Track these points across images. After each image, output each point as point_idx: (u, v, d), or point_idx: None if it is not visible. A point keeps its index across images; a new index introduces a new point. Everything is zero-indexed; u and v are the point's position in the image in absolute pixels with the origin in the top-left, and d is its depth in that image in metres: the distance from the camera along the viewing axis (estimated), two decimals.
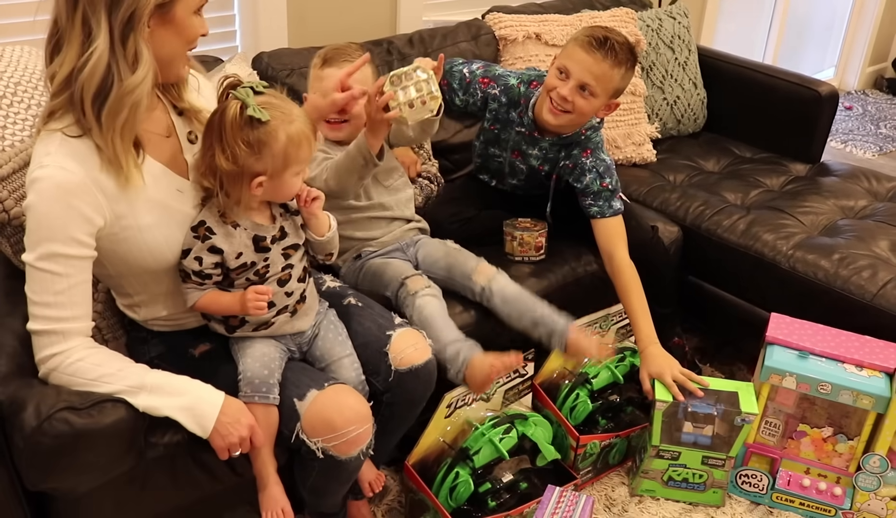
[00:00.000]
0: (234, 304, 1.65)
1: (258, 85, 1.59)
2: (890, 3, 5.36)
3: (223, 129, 1.55)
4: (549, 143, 2.31)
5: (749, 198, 2.78)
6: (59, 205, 1.45)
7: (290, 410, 1.65)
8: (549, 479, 2.10)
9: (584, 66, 2.13)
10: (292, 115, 1.58)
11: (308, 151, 1.62)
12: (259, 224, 1.66)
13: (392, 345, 1.81)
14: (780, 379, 2.10)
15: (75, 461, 1.50)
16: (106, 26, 1.40)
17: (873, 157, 4.56)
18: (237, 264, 1.64)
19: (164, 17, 1.46)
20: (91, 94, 1.43)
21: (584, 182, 2.30)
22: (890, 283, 2.29)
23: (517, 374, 2.16)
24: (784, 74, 3.10)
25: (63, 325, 1.50)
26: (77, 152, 1.46)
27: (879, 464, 2.09)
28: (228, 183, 1.59)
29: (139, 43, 1.43)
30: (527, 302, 2.09)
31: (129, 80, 1.43)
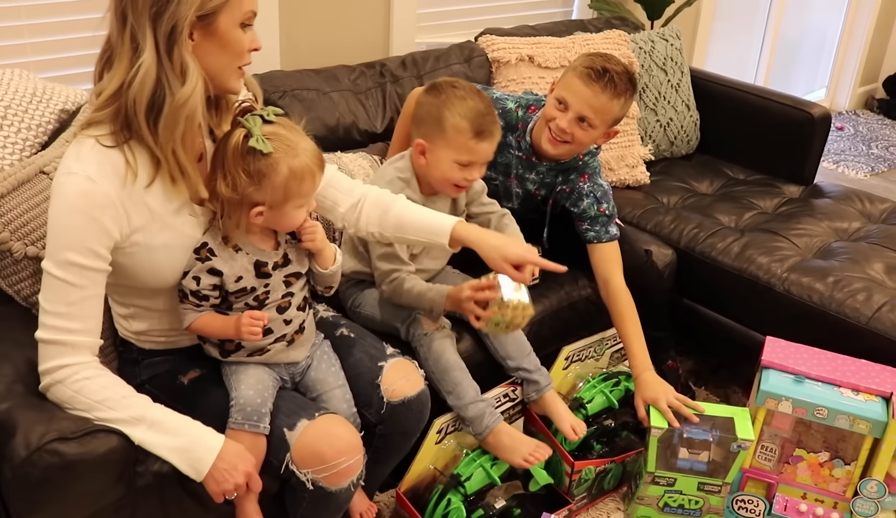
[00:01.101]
0: (229, 328, 1.63)
1: (270, 112, 1.57)
2: (880, 24, 5.39)
3: (226, 155, 1.54)
4: (547, 169, 2.30)
5: (743, 220, 2.77)
6: (81, 215, 1.44)
7: (280, 441, 1.63)
8: (543, 504, 2.09)
9: (582, 98, 2.11)
10: (298, 148, 1.56)
11: (311, 186, 1.59)
12: (262, 249, 1.64)
13: (384, 376, 1.79)
14: (777, 403, 2.08)
15: (65, 492, 1.47)
16: (152, 39, 1.41)
17: (865, 177, 4.58)
18: (236, 288, 1.62)
19: (207, 30, 1.46)
20: (144, 108, 1.44)
21: (582, 207, 2.29)
22: (885, 305, 2.28)
23: (507, 399, 2.15)
24: (777, 96, 3.11)
25: (73, 337, 1.48)
26: (106, 162, 1.47)
27: (877, 489, 2.08)
28: (229, 208, 1.57)
29: (184, 54, 1.43)
30: (518, 344, 2.12)
31: (181, 92, 1.44)
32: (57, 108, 1.90)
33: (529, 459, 1.97)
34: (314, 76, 2.54)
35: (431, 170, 2.01)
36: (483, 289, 1.86)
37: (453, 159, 1.97)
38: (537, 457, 1.98)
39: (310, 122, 2.39)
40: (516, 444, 1.98)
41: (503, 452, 1.99)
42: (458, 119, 1.94)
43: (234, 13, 1.48)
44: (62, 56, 2.36)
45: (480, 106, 1.96)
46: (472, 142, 1.95)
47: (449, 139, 1.96)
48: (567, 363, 2.25)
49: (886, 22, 5.47)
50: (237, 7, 1.48)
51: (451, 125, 1.95)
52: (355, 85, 2.60)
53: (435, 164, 2.00)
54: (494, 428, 1.97)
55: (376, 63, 2.71)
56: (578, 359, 2.28)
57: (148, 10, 1.40)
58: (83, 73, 2.40)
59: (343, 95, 2.54)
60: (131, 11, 1.41)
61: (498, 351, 2.12)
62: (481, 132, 1.95)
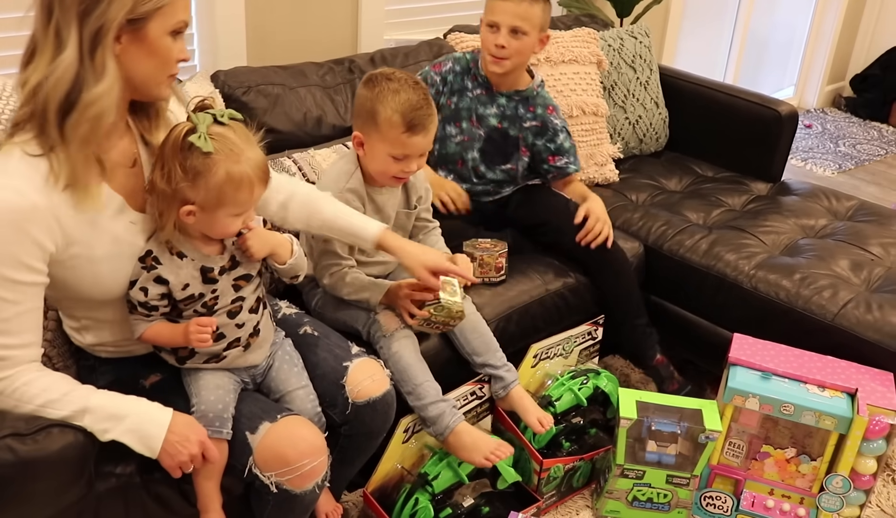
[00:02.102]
0: (178, 336, 1.60)
1: (225, 115, 1.53)
2: (847, 23, 5.44)
3: (166, 145, 1.51)
4: (506, 98, 2.44)
5: (711, 217, 2.78)
6: (11, 229, 1.40)
7: (242, 444, 1.61)
8: (511, 502, 2.08)
9: (508, 12, 2.29)
10: (242, 154, 1.51)
11: (248, 196, 1.54)
12: (206, 255, 1.60)
13: (349, 377, 1.77)
14: (744, 400, 2.09)
15: (21, 491, 1.44)
16: (76, 37, 1.38)
17: (833, 174, 4.62)
18: (184, 295, 1.59)
19: (136, 35, 1.43)
20: (56, 105, 1.40)
21: (559, 141, 2.49)
22: (850, 302, 2.30)
23: (475, 397, 2.14)
24: (745, 94, 3.12)
25: (9, 352, 1.45)
26: (33, 172, 1.42)
27: (842, 484, 2.09)
28: (161, 202, 1.53)
29: (106, 56, 1.40)
30: (485, 341, 2.12)
31: (92, 92, 1.40)
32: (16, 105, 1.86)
33: (491, 457, 1.95)
34: (280, 72, 2.52)
35: (369, 162, 2.01)
36: (421, 290, 1.93)
37: (388, 153, 1.96)
38: (498, 455, 1.96)
39: (275, 118, 2.39)
40: (477, 443, 1.96)
41: (464, 452, 1.96)
42: (390, 113, 1.92)
43: (166, 21, 1.45)
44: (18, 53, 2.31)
45: (414, 98, 1.94)
46: (404, 136, 1.94)
47: (383, 133, 1.94)
48: (535, 361, 2.25)
49: (853, 20, 5.52)
50: (170, 15, 1.45)
51: (384, 119, 1.93)
52: (323, 81, 2.58)
53: (371, 156, 1.99)
54: (455, 428, 1.95)
55: (345, 60, 2.69)
56: (547, 356, 2.28)
57: (76, 7, 1.37)
58: None
59: (311, 91, 2.52)
60: (58, 7, 1.38)
61: (464, 347, 2.11)
62: (414, 126, 1.93)
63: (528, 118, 2.46)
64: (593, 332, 2.40)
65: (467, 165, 2.46)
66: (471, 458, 1.96)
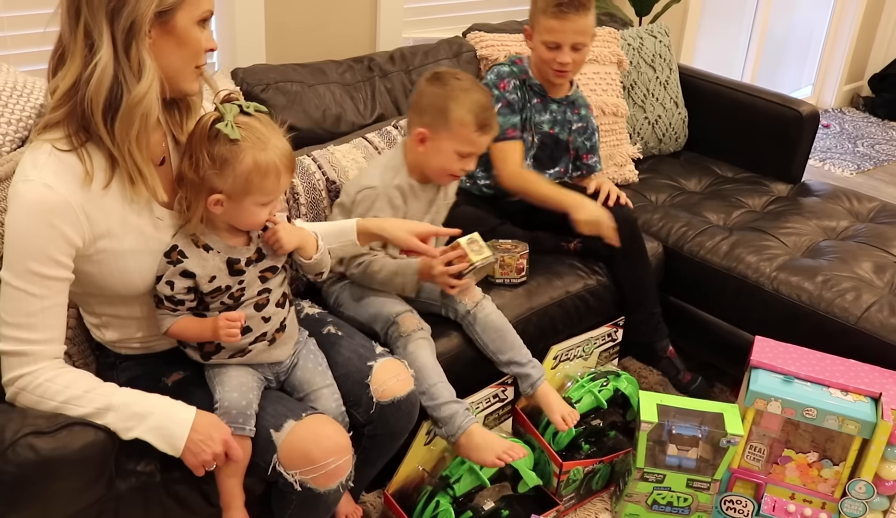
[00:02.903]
0: (206, 331, 1.60)
1: (251, 107, 1.55)
2: (865, 22, 5.41)
3: (194, 135, 1.53)
4: (557, 104, 2.49)
5: (731, 218, 2.76)
6: (40, 223, 1.41)
7: (266, 442, 1.60)
8: (531, 505, 2.07)
9: (569, 32, 2.31)
10: (268, 143, 1.53)
11: (275, 184, 1.55)
12: (232, 246, 1.61)
13: (374, 376, 1.76)
14: (766, 404, 2.07)
15: (42, 490, 1.44)
16: (108, 37, 1.39)
17: (851, 175, 4.58)
18: (210, 288, 1.59)
19: (165, 27, 1.44)
20: (101, 107, 1.41)
21: (594, 140, 2.59)
22: (874, 305, 2.28)
23: (497, 399, 2.13)
24: (765, 94, 3.10)
25: (33, 347, 1.46)
26: (63, 167, 1.44)
27: (865, 489, 2.07)
28: (189, 193, 1.55)
29: (142, 51, 1.41)
30: (507, 338, 2.09)
31: (136, 89, 1.41)
32: (38, 102, 1.86)
33: (504, 457, 1.92)
34: (299, 70, 2.51)
35: (430, 159, 2.04)
36: (452, 261, 1.96)
37: (455, 150, 2.01)
38: (511, 455, 1.94)
39: (293, 115, 2.39)
40: (490, 443, 1.93)
41: (475, 453, 1.93)
42: (463, 112, 1.98)
43: (193, 11, 1.46)
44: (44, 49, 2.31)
45: (484, 99, 2.02)
46: (474, 135, 2.00)
47: (453, 131, 1.99)
48: (555, 363, 2.24)
49: (872, 20, 5.48)
50: (196, 5, 1.46)
51: (456, 118, 1.98)
52: (343, 78, 2.57)
53: (435, 153, 2.03)
54: (467, 429, 1.93)
55: (364, 58, 2.68)
56: (567, 358, 2.27)
57: (105, 7, 1.38)
58: None
59: (329, 88, 2.51)
60: (86, 7, 1.38)
61: (488, 346, 2.09)
62: (484, 126, 2.01)
63: (574, 120, 2.53)
64: (613, 333, 2.38)
65: None
66: (482, 459, 1.94)
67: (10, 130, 1.77)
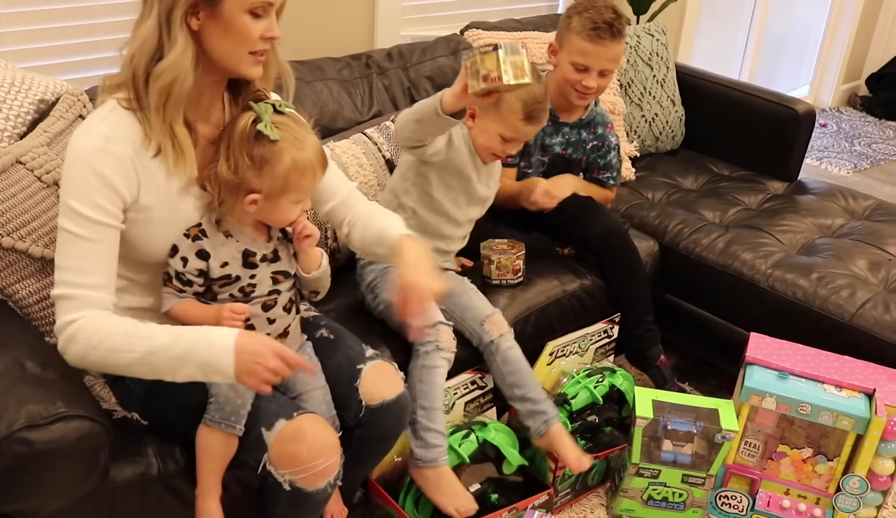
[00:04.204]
0: (209, 317, 1.59)
1: (282, 105, 1.58)
2: (863, 21, 5.41)
3: (232, 137, 1.54)
4: (570, 127, 2.46)
5: (727, 216, 2.77)
6: (92, 171, 1.47)
7: (257, 440, 1.60)
8: (521, 489, 2.09)
9: (601, 57, 2.28)
10: (305, 141, 1.56)
11: (311, 182, 1.59)
12: (252, 239, 1.63)
13: (362, 379, 1.76)
14: (760, 400, 2.08)
15: (37, 481, 1.45)
16: (157, 9, 1.47)
17: (848, 174, 4.59)
18: (221, 274, 1.60)
19: (212, 11, 1.48)
20: (142, 71, 1.48)
21: (608, 158, 2.53)
22: (868, 302, 2.29)
23: (476, 387, 2.15)
24: (762, 92, 3.11)
25: (81, 291, 1.48)
26: (123, 124, 1.51)
27: (859, 485, 2.08)
28: (225, 192, 1.57)
29: (177, 27, 1.46)
30: (524, 375, 2.10)
31: (166, 59, 1.47)
32: (35, 98, 1.86)
33: (461, 511, 1.93)
34: (298, 67, 2.51)
35: (477, 135, 2.08)
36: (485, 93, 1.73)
37: (499, 133, 2.04)
38: (465, 513, 1.95)
39: None
40: (456, 492, 1.95)
41: (437, 493, 1.94)
42: (513, 100, 1.99)
43: (242, 1, 1.48)
44: (41, 46, 2.33)
45: (538, 91, 2.01)
46: (520, 123, 2.02)
47: (501, 115, 2.02)
48: (551, 359, 2.25)
49: (870, 19, 5.49)
50: None
51: (506, 104, 2.00)
52: (340, 75, 2.57)
53: (481, 131, 2.06)
54: (441, 467, 1.94)
55: (362, 55, 2.69)
56: (562, 354, 2.27)
57: None
58: (63, 64, 2.37)
59: (327, 85, 2.52)
60: None
61: (505, 378, 2.10)
62: (532, 117, 2.03)
63: (590, 140, 2.50)
64: (609, 330, 2.39)
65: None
66: (439, 501, 1.94)
67: (7, 126, 1.78)
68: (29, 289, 1.68)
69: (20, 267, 1.66)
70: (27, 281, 1.67)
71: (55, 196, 1.70)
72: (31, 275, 1.67)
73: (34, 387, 1.46)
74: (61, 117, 1.82)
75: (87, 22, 2.38)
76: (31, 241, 1.65)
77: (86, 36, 2.39)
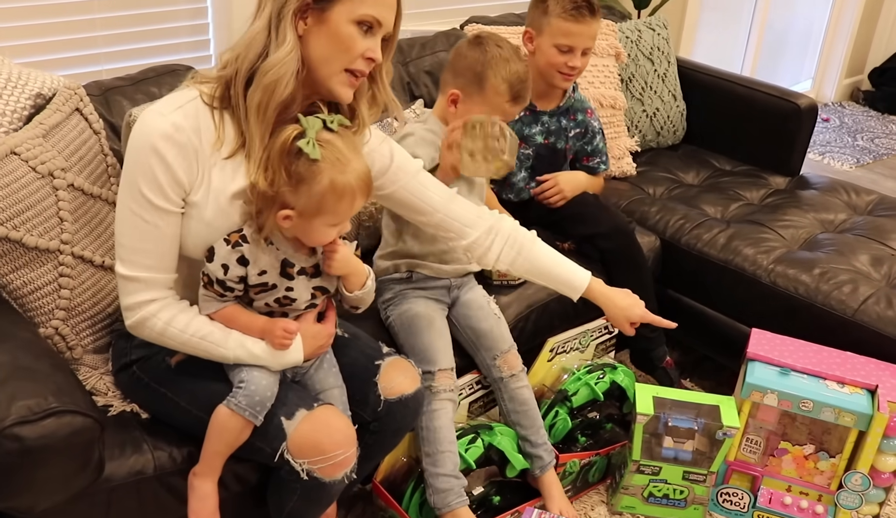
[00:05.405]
0: (255, 329, 1.59)
1: (335, 121, 1.53)
2: (866, 15, 5.40)
3: (273, 148, 1.50)
4: (549, 115, 2.44)
5: (729, 211, 2.76)
6: (157, 156, 1.47)
7: (277, 429, 1.59)
8: (522, 491, 2.09)
9: (584, 36, 2.30)
10: (348, 164, 1.51)
11: (349, 207, 1.53)
12: (295, 251, 1.59)
13: (382, 374, 1.76)
14: (762, 396, 2.07)
15: (29, 478, 1.43)
16: (269, 9, 1.48)
17: (850, 168, 4.58)
18: (258, 281, 1.57)
19: (320, 16, 1.49)
20: (244, 71, 1.49)
21: (595, 143, 2.54)
22: (871, 298, 2.28)
23: (480, 387, 2.15)
24: (763, 87, 3.09)
25: (149, 273, 1.53)
26: (197, 116, 1.51)
27: (861, 481, 2.07)
28: (260, 202, 1.53)
29: (287, 28, 1.47)
30: (530, 416, 2.09)
31: (271, 57, 1.48)
32: (32, 93, 1.85)
33: None
34: None
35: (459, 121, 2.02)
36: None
37: None
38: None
39: None
40: None
41: None
42: (499, 81, 1.97)
43: (353, 9, 1.49)
44: (38, 41, 2.32)
45: (521, 70, 2.00)
46: (507, 104, 2.00)
47: (487, 97, 1.99)
48: (552, 355, 2.23)
49: (872, 13, 5.47)
50: (357, 3, 1.50)
51: (492, 86, 1.97)
52: None
53: (467, 115, 1.99)
54: (457, 510, 1.92)
55: None
56: (563, 351, 2.26)
57: None
58: (59, 59, 2.36)
59: None
60: None
61: (510, 415, 2.09)
62: (518, 97, 2.00)
63: (571, 127, 2.49)
64: (610, 326, 2.38)
65: (515, 186, 2.47)
66: None
67: (4, 121, 1.77)
68: (23, 279, 1.66)
69: (14, 257, 1.64)
70: (21, 271, 1.66)
71: (50, 186, 1.69)
72: (26, 265, 1.66)
73: (25, 382, 1.45)
74: (58, 110, 1.80)
75: (84, 17, 2.37)
76: (24, 231, 1.64)
77: (83, 32, 2.39)
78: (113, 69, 2.40)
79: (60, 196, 1.71)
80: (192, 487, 1.62)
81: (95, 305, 1.78)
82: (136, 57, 2.47)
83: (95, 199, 1.81)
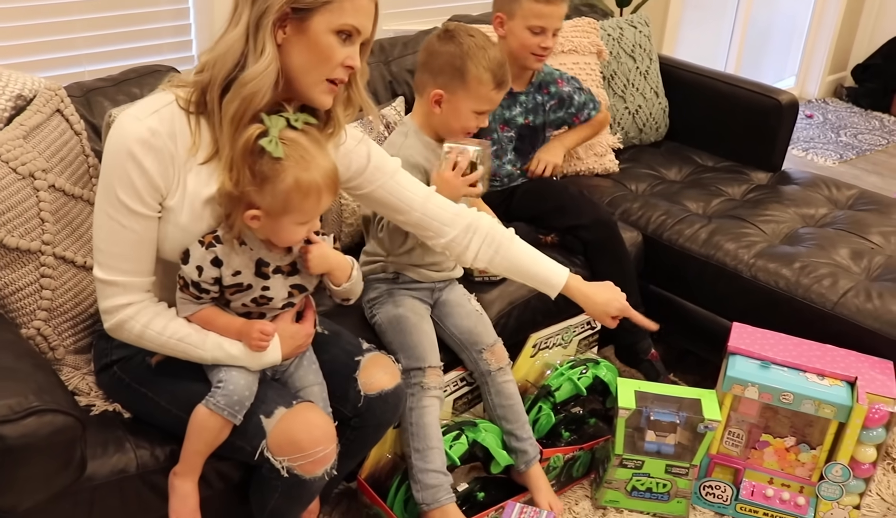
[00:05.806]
0: (233, 331, 1.60)
1: (299, 119, 1.53)
2: (848, 13, 5.43)
3: (235, 147, 1.50)
4: (525, 94, 2.51)
5: (711, 207, 2.77)
6: (133, 161, 1.47)
7: (256, 427, 1.59)
8: (507, 487, 2.10)
9: (555, 16, 2.37)
10: (312, 162, 1.50)
11: (315, 205, 1.52)
12: (268, 250, 1.59)
13: (362, 370, 1.77)
14: (743, 389, 2.09)
15: (10, 477, 1.43)
16: (247, 17, 1.47)
17: (834, 164, 4.61)
18: (232, 282, 1.57)
19: (299, 25, 1.49)
20: (221, 79, 1.48)
21: (576, 100, 2.61)
22: (850, 291, 2.30)
23: (465, 383, 2.15)
24: (745, 83, 3.11)
25: (127, 277, 1.54)
26: (173, 121, 1.51)
27: (842, 473, 2.09)
28: (227, 203, 1.53)
29: (266, 38, 1.47)
30: (515, 411, 2.10)
31: (249, 69, 1.47)
32: (13, 94, 1.85)
33: None
34: None
35: (448, 119, 2.02)
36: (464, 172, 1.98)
37: (473, 109, 2.01)
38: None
39: None
40: None
41: None
42: (481, 71, 1.96)
43: (332, 19, 1.49)
44: (18, 43, 2.32)
45: (498, 55, 2.01)
46: (493, 92, 2.00)
47: (471, 89, 1.98)
48: (535, 351, 2.24)
49: (855, 10, 5.50)
50: (336, 13, 1.49)
51: (474, 76, 1.97)
52: None
53: (452, 113, 2.01)
54: (445, 506, 1.93)
55: None
56: (546, 346, 2.27)
57: None
58: (41, 61, 2.36)
59: None
60: None
61: (495, 410, 2.10)
62: (501, 83, 2.01)
63: (547, 101, 2.55)
64: (592, 321, 2.39)
65: (503, 169, 2.49)
66: None
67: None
68: (5, 280, 1.66)
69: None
70: (3, 272, 1.66)
71: (31, 187, 1.69)
72: (7, 266, 1.66)
73: (6, 381, 1.45)
74: (38, 111, 1.80)
75: (66, 19, 2.37)
76: (6, 232, 1.64)
77: (65, 33, 2.39)
78: (95, 70, 2.41)
79: (42, 197, 1.71)
80: (173, 487, 1.62)
81: (77, 306, 1.78)
82: (118, 58, 2.47)
83: (77, 200, 1.82)
